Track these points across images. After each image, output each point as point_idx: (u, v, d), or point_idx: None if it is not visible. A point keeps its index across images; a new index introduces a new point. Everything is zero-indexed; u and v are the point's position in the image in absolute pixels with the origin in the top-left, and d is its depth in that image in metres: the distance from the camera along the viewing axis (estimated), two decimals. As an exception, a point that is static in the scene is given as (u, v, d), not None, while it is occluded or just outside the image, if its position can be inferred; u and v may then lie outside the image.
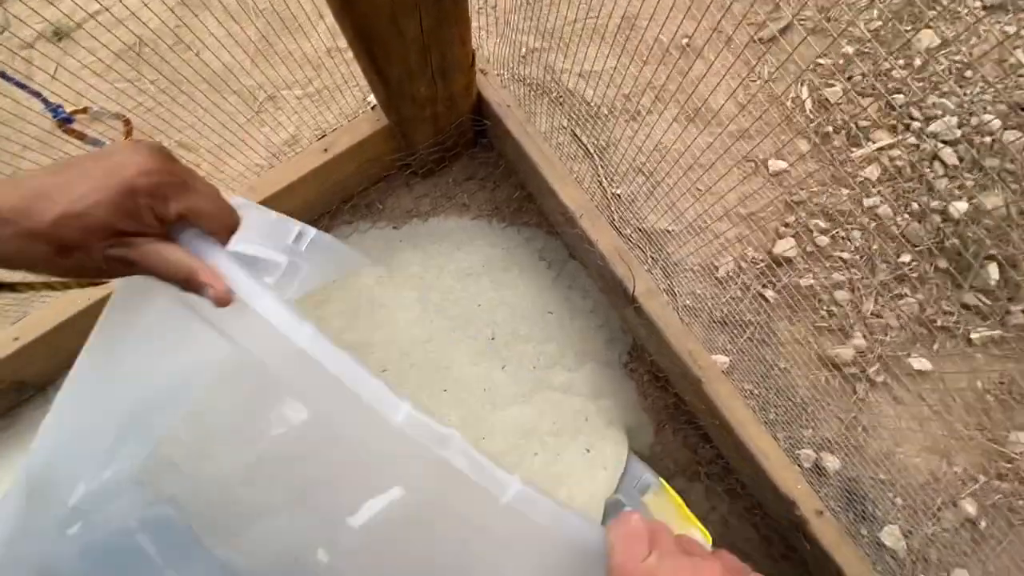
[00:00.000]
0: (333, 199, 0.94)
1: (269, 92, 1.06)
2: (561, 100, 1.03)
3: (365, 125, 0.84)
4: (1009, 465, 0.88)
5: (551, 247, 0.95)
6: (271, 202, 0.82)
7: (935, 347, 0.92)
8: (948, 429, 0.90)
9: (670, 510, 0.74)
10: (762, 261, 0.95)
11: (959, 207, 0.92)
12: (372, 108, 0.85)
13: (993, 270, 0.91)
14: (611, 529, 0.32)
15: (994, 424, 0.89)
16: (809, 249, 0.96)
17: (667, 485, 0.77)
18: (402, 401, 0.33)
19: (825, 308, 0.93)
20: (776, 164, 0.99)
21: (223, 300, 0.31)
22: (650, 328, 0.78)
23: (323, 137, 0.85)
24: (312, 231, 0.75)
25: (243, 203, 0.60)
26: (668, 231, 0.96)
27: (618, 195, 0.98)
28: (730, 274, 0.95)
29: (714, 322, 0.93)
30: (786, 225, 0.97)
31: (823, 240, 0.95)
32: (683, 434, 0.88)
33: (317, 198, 0.90)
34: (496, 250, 0.93)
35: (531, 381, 0.84)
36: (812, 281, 0.94)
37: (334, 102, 1.02)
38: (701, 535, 0.71)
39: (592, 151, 1.00)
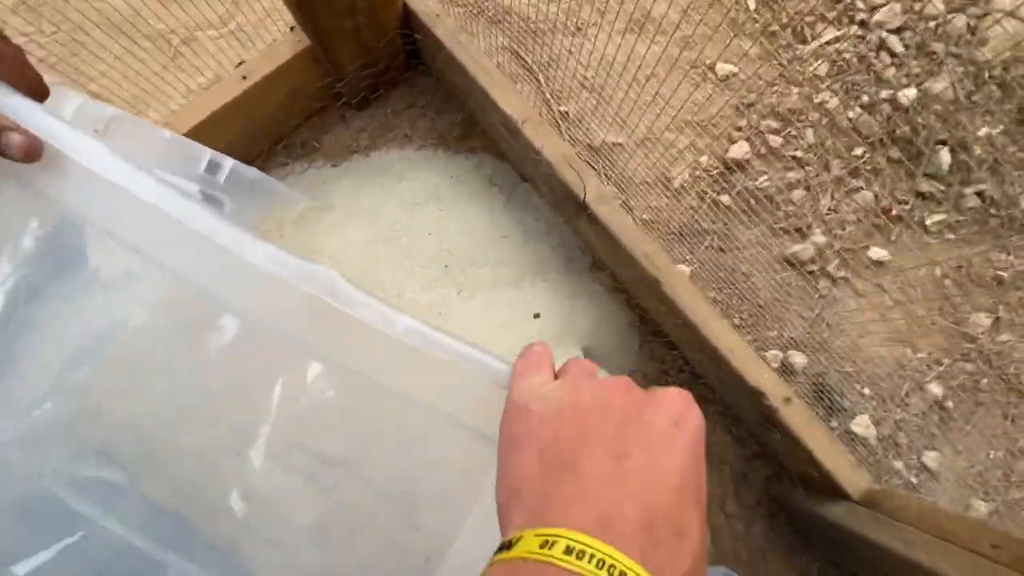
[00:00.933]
0: (263, 139, 0.89)
1: (183, 35, 0.98)
2: (498, 19, 0.98)
3: (285, 48, 0.78)
4: (971, 345, 0.88)
5: (501, 171, 0.91)
6: (190, 138, 0.76)
7: (892, 237, 0.91)
8: (910, 317, 0.90)
9: None
10: (716, 168, 0.93)
11: (908, 94, 0.91)
12: (292, 29, 0.79)
13: (944, 155, 0.90)
14: (516, 361, 0.29)
15: (954, 307, 0.90)
16: (762, 151, 0.94)
17: None
18: (264, 244, 0.30)
19: (782, 209, 0.92)
20: (724, 68, 0.96)
21: (30, 150, 0.27)
22: (604, 235, 0.75)
23: (241, 64, 0.78)
24: (229, 161, 0.69)
25: (128, 118, 0.54)
26: (619, 144, 0.93)
27: (565, 113, 0.94)
28: (685, 184, 0.93)
29: (672, 234, 0.91)
30: (738, 129, 0.95)
31: (776, 141, 0.93)
32: (649, 347, 0.87)
33: (244, 137, 0.84)
34: (443, 178, 0.89)
35: (487, 303, 0.81)
36: (767, 183, 0.92)
37: (258, 38, 0.95)
38: None
39: (535, 69, 0.95)
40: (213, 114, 0.76)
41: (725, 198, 0.92)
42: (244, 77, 0.77)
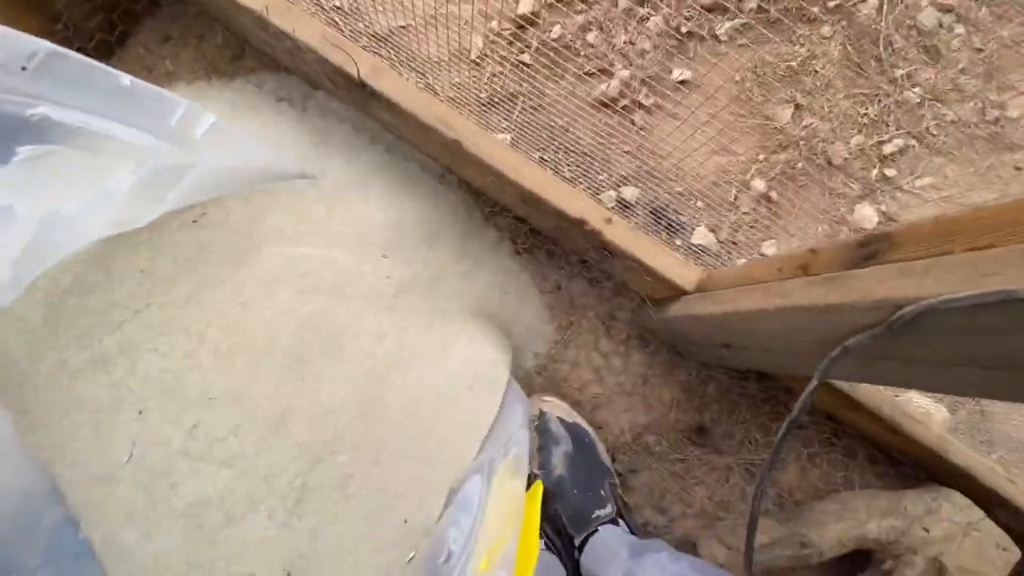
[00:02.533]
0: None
1: None
2: (238, -76, 0.88)
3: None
4: (781, 136, 0.93)
5: (286, 85, 0.84)
6: None
7: (690, 55, 0.94)
8: (723, 125, 0.93)
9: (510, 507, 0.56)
10: (508, 30, 0.91)
11: (668, -89, 0.91)
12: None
13: (716, -36, 0.92)
14: None
15: (759, 105, 0.94)
16: (549, 2, 0.92)
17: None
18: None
19: (582, 54, 0.91)
20: (490, -75, 0.92)
21: None
22: (393, 111, 0.72)
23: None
24: (211, 116, 0.61)
25: (82, 60, 0.47)
26: (405, 27, 0.88)
27: (339, 7, 0.88)
28: (483, 53, 0.90)
29: (483, 105, 0.89)
30: (520, -15, 0.92)
31: (559, -13, 0.92)
32: (493, 221, 0.85)
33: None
34: (223, 108, 0.81)
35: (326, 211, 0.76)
36: (562, 32, 0.91)
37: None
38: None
39: (293, -31, 0.88)
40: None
41: (526, 57, 0.90)
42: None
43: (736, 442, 0.86)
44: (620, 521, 0.75)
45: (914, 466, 0.84)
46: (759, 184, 0.91)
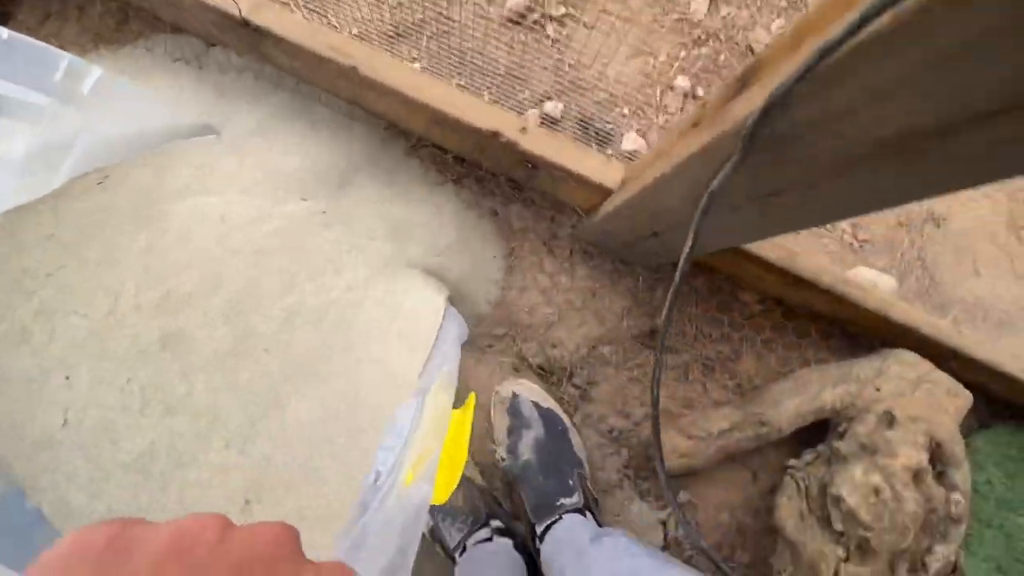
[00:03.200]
0: None
1: None
2: None
3: None
4: (699, 29, 0.91)
5: (180, 44, 0.81)
6: None
7: (597, -42, 0.91)
8: (639, 28, 0.91)
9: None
10: (405, -45, 0.87)
11: None
12: None
13: None
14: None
15: (673, 3, 0.92)
16: (443, -80, 0.88)
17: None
18: None
19: (485, -29, 0.88)
20: None
21: None
22: (282, 47, 0.69)
23: None
24: (96, 70, 0.60)
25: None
26: (295, -32, 0.85)
27: (223, -44, 0.84)
28: (383, -16, 0.87)
29: (391, 38, 0.86)
30: (411, -93, 0.88)
31: (451, -96, 0.88)
32: (416, 153, 0.84)
33: None
34: (122, 76, 0.78)
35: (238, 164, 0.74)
36: (461, -49, 0.88)
37: None
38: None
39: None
40: None
41: (426, -18, 0.87)
42: None
43: (690, 339, 0.86)
44: (587, 514, 0.72)
45: (864, 335, 0.85)
46: (683, 82, 0.90)
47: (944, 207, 0.92)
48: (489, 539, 0.70)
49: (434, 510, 0.72)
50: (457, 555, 0.70)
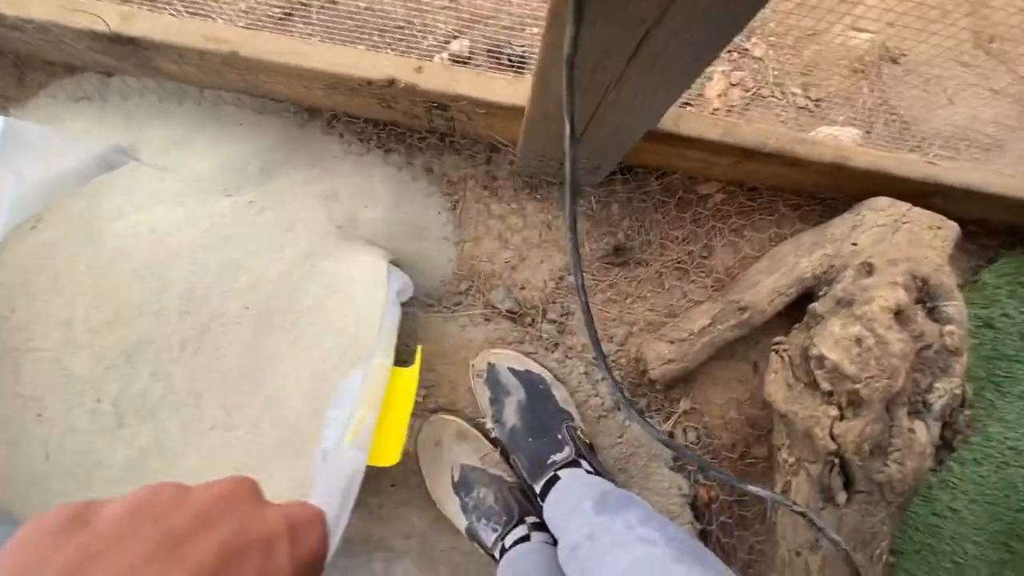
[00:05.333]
0: None
1: None
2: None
3: None
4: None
5: (80, 83, 0.80)
6: None
7: None
8: (530, -61, 0.86)
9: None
10: (275, -68, 0.84)
11: None
12: None
13: None
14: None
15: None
16: None
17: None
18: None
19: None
20: None
21: None
22: (163, 52, 0.68)
23: None
24: None
25: None
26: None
27: (97, -16, 0.83)
28: (259, -32, 0.84)
29: (281, 20, 0.84)
30: None
31: None
32: (334, 132, 0.82)
33: None
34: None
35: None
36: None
37: None
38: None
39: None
40: None
41: (302, -46, 0.84)
42: None
43: (657, 247, 0.83)
44: (582, 462, 0.71)
45: (836, 198, 0.80)
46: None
47: (897, 40, 0.85)
48: (526, 537, 0.69)
49: (468, 510, 0.72)
50: (496, 554, 0.70)
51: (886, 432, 0.52)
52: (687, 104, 0.84)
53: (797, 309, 0.74)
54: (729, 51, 0.88)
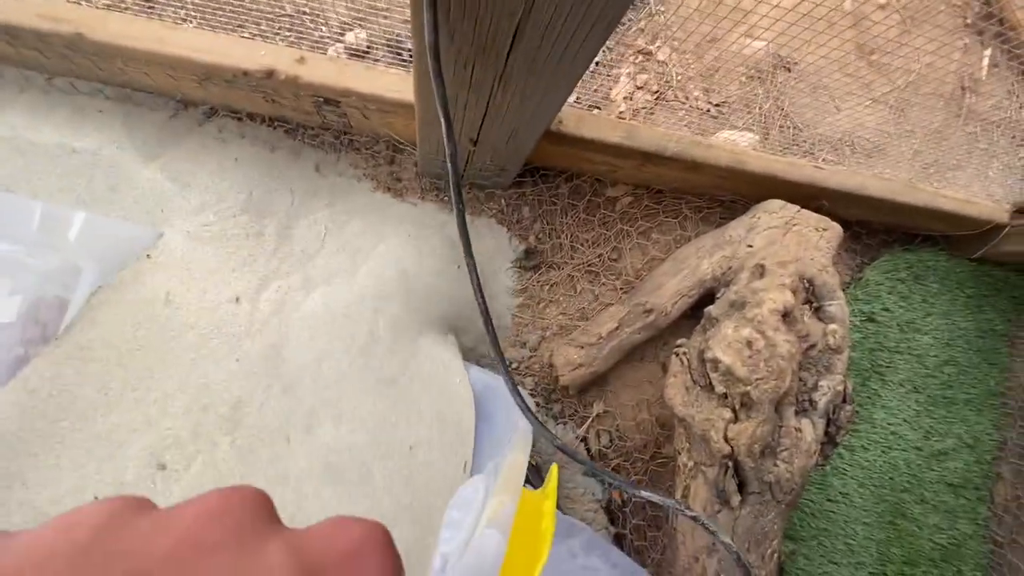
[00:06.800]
0: None
1: None
2: None
3: None
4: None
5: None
6: None
7: None
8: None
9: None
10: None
11: None
12: None
13: None
14: None
15: None
16: None
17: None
18: None
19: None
20: None
21: None
22: (117, 52, 0.58)
23: None
24: (80, 213, 0.58)
25: None
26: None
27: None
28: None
29: (147, 2, 0.75)
30: None
31: None
32: (219, 131, 0.74)
33: None
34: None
35: None
36: None
37: None
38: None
39: None
40: None
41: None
42: None
43: (567, 250, 0.81)
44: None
45: (736, 200, 0.83)
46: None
47: (789, 50, 0.89)
48: None
49: None
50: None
51: (775, 432, 0.53)
52: (594, 107, 0.83)
53: (700, 310, 0.75)
54: (634, 53, 0.88)
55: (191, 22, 0.74)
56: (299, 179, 0.74)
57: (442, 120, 0.41)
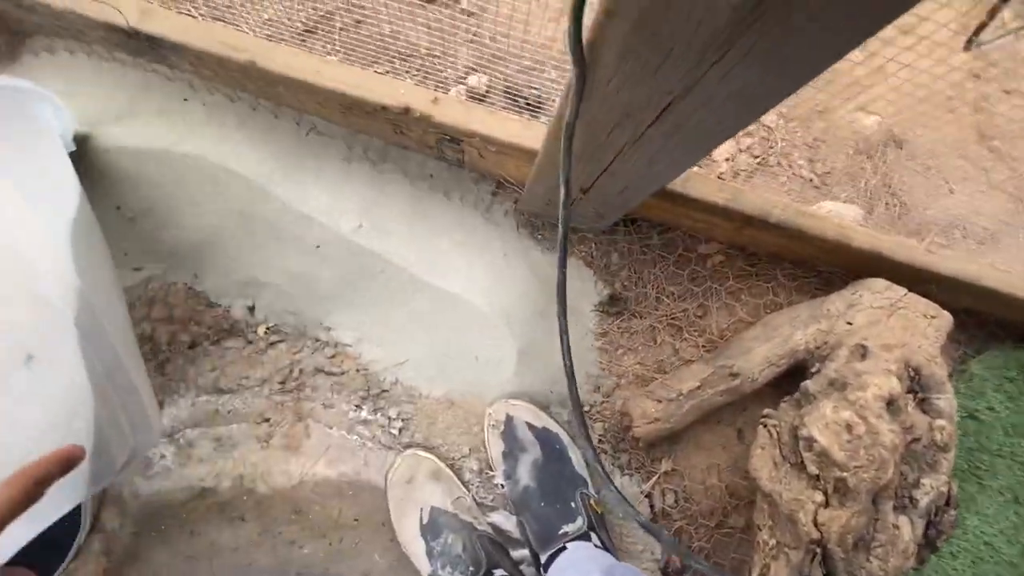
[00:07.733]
0: None
1: None
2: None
3: None
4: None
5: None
6: None
7: (505, -76, 0.88)
8: (558, -13, 0.88)
9: None
10: (308, -51, 0.85)
11: None
12: None
13: None
14: None
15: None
16: (341, -92, 0.86)
17: None
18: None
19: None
20: None
21: None
22: (177, 50, 0.67)
23: None
24: None
25: None
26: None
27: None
28: (287, -20, 0.84)
29: (302, 35, 0.84)
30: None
31: None
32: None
33: None
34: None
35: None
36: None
37: None
38: None
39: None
40: None
41: (332, -28, 0.84)
42: None
43: (652, 301, 0.82)
44: (592, 535, 0.69)
45: (834, 272, 0.81)
46: (611, 36, 0.86)
47: (901, 129, 0.87)
48: None
49: (434, 556, 0.69)
50: None
51: (870, 525, 0.51)
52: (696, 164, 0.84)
53: (787, 380, 0.73)
54: (741, 117, 0.89)
55: (336, 55, 0.83)
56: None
57: (561, 189, 0.44)
